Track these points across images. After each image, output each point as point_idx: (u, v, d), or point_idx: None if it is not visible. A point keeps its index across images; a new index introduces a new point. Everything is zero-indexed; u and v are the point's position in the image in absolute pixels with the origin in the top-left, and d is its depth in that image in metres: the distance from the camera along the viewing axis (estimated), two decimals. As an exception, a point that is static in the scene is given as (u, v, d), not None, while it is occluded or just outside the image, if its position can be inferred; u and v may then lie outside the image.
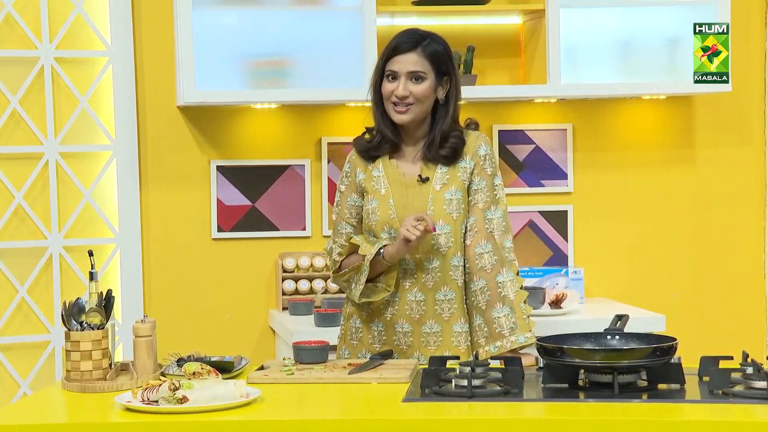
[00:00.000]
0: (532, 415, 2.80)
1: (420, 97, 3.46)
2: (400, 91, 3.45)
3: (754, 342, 5.10)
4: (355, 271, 3.51)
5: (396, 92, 3.46)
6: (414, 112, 3.48)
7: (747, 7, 5.05)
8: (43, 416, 2.94)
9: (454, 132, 3.52)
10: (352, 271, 3.52)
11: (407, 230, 3.38)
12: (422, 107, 3.48)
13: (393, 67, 3.47)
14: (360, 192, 3.57)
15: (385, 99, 3.49)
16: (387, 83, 3.48)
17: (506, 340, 3.47)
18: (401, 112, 3.47)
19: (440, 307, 3.52)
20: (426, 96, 3.48)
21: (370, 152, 3.56)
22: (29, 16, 4.74)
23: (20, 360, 4.78)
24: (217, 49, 4.65)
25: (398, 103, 3.46)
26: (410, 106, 3.47)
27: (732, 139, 5.12)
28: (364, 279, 3.47)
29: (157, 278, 4.86)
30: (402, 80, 3.46)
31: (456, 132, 3.52)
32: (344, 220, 3.59)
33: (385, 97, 3.49)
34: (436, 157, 3.51)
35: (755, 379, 2.84)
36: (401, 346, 3.53)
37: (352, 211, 3.58)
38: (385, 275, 3.50)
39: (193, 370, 2.97)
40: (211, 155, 4.89)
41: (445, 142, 3.50)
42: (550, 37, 4.69)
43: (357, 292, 3.50)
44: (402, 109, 3.47)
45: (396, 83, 3.46)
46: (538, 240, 5.03)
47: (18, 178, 4.76)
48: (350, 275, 3.54)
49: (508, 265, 3.53)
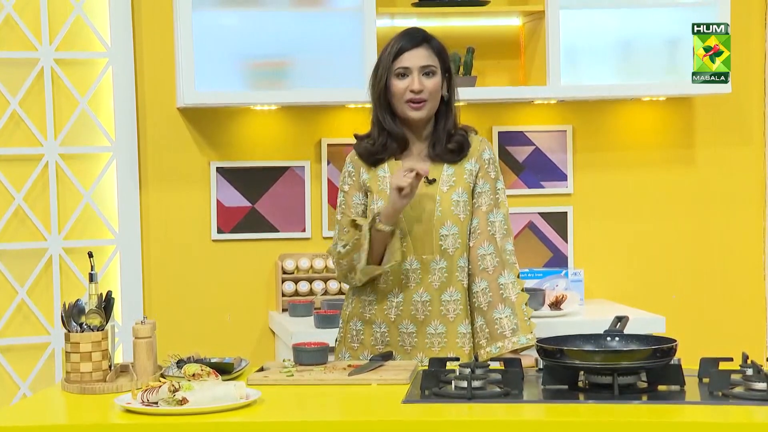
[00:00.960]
0: (532, 416, 2.80)
1: (433, 92, 3.47)
2: (416, 85, 3.44)
3: (754, 343, 5.10)
4: (354, 249, 3.45)
5: (412, 87, 3.45)
6: (428, 108, 3.48)
7: (746, 8, 5.05)
8: (42, 417, 2.94)
9: (458, 130, 3.54)
10: (352, 250, 3.45)
11: (398, 179, 3.35)
12: (434, 103, 3.49)
13: (404, 64, 3.46)
14: (364, 191, 3.57)
15: (398, 98, 3.47)
16: (398, 82, 3.47)
17: (507, 341, 3.48)
18: (418, 108, 3.47)
19: (446, 307, 3.52)
20: (438, 91, 3.49)
21: (375, 156, 3.55)
22: (29, 18, 4.74)
23: (20, 361, 4.78)
24: (217, 50, 4.65)
25: (414, 99, 3.46)
26: (425, 102, 3.47)
27: (732, 140, 5.12)
28: (366, 246, 3.40)
29: (156, 280, 4.86)
30: (415, 75, 3.46)
31: (459, 130, 3.55)
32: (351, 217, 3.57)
33: (398, 95, 3.47)
34: (442, 153, 3.52)
35: (755, 381, 2.84)
36: (405, 347, 3.52)
37: (358, 210, 3.57)
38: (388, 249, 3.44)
39: (193, 371, 2.97)
40: (210, 156, 4.89)
41: (451, 137, 3.52)
42: (550, 39, 4.70)
43: (362, 262, 3.41)
44: (418, 105, 3.47)
45: (408, 80, 3.46)
46: (537, 241, 5.03)
47: (18, 179, 4.76)
48: (351, 255, 3.46)
49: (509, 267, 3.53)
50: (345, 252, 3.48)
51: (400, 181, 3.35)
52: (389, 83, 3.48)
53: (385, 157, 3.54)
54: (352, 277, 3.52)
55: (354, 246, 3.45)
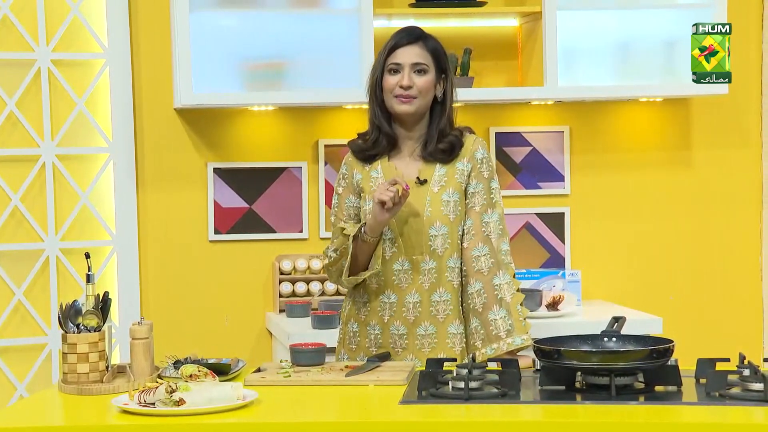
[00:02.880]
0: (529, 417, 2.80)
1: (423, 90, 3.48)
2: (405, 81, 3.47)
3: (750, 344, 5.10)
4: (343, 255, 3.49)
5: (401, 83, 3.47)
6: (417, 105, 3.49)
7: (744, 9, 5.05)
8: (39, 419, 2.93)
9: (451, 131, 3.55)
10: (342, 258, 3.50)
11: (380, 193, 3.37)
12: (424, 101, 3.50)
13: (396, 60, 3.49)
14: (357, 193, 3.58)
15: (387, 92, 3.49)
16: (389, 77, 3.49)
17: (503, 342, 3.47)
18: (405, 103, 3.48)
19: (435, 308, 3.52)
20: (428, 89, 3.50)
21: (366, 152, 3.56)
22: (26, 19, 4.73)
23: (17, 362, 4.77)
24: (214, 51, 4.64)
25: (402, 94, 3.47)
26: (413, 98, 3.48)
27: (729, 141, 5.12)
28: (347, 253, 3.45)
29: (154, 280, 4.86)
30: (406, 72, 3.48)
31: (453, 131, 3.55)
32: (343, 221, 3.58)
33: (388, 90, 3.49)
34: (434, 153, 3.52)
35: (752, 381, 2.85)
36: (396, 348, 3.53)
37: (351, 213, 3.59)
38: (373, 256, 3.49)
39: (190, 372, 2.97)
40: (208, 157, 4.89)
41: (444, 137, 3.52)
42: (547, 40, 4.70)
43: (344, 271, 3.48)
44: (406, 100, 3.48)
45: (399, 75, 3.48)
46: (534, 242, 5.03)
47: (15, 180, 4.75)
48: (340, 262, 3.51)
49: (505, 267, 3.53)
50: (334, 260, 3.52)
51: (383, 195, 3.37)
52: (381, 78, 3.50)
53: (376, 155, 3.56)
54: (341, 282, 3.56)
55: (342, 253, 3.50)
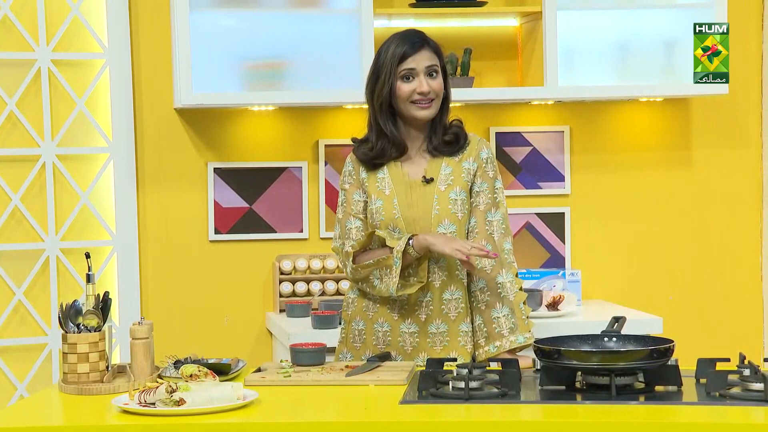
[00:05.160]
0: (529, 417, 2.80)
1: (438, 91, 3.52)
2: (424, 87, 3.49)
3: (751, 344, 5.10)
4: (377, 265, 3.48)
5: (420, 89, 3.49)
6: (435, 107, 3.53)
7: (744, 9, 5.05)
8: (40, 419, 2.94)
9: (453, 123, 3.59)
10: (375, 265, 3.49)
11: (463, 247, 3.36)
12: (439, 101, 3.54)
13: (410, 66, 3.49)
14: (364, 189, 3.58)
15: (403, 100, 3.50)
16: (403, 84, 3.50)
17: (505, 340, 3.49)
18: (426, 108, 3.50)
19: (447, 306, 3.53)
20: (442, 90, 3.54)
21: (374, 161, 3.57)
22: (26, 19, 4.73)
23: (17, 362, 4.77)
24: (215, 51, 4.64)
25: (421, 99, 3.49)
26: (432, 101, 3.51)
27: (729, 142, 5.12)
28: (397, 271, 3.43)
29: (154, 280, 4.86)
30: (421, 77, 3.49)
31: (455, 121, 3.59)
32: (352, 216, 3.58)
33: (404, 98, 3.49)
34: (439, 147, 3.54)
35: (752, 381, 2.85)
36: (406, 347, 3.53)
37: (360, 206, 3.59)
38: (415, 268, 3.49)
39: (190, 372, 2.97)
40: (208, 157, 4.89)
41: (447, 130, 3.56)
42: (547, 40, 4.70)
43: (392, 286, 3.45)
44: (426, 105, 3.50)
45: (416, 82, 3.49)
46: (535, 242, 5.03)
47: (15, 180, 4.75)
48: (373, 269, 3.50)
49: (507, 266, 3.55)
50: (366, 265, 3.50)
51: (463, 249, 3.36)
52: (393, 87, 3.50)
53: (384, 162, 3.56)
54: (364, 286, 3.55)
55: (377, 263, 3.48)
